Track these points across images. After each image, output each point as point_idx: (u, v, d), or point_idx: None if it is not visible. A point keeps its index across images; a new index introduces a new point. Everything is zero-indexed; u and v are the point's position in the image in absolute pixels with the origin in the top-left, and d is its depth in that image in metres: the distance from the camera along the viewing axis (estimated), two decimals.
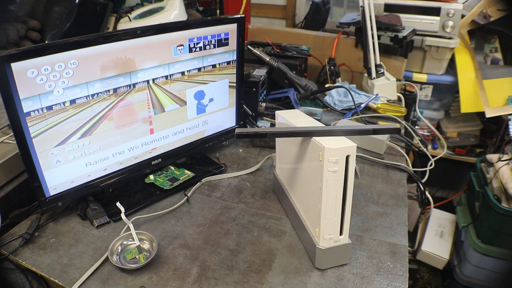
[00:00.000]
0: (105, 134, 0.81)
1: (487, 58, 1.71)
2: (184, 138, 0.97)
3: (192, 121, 0.96)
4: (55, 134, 0.73)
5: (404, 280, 0.69)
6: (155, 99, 0.86)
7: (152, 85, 0.84)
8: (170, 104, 0.90)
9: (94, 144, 0.80)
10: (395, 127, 0.71)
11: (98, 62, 0.74)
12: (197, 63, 0.90)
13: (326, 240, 0.67)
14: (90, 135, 0.78)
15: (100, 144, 0.81)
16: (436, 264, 1.55)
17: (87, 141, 0.78)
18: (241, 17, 0.94)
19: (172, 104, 0.90)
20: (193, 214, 0.85)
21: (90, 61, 0.73)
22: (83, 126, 0.76)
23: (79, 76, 0.72)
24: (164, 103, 0.88)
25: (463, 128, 1.79)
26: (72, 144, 0.76)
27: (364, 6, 1.38)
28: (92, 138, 0.79)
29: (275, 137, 0.91)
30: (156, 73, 0.84)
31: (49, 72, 0.68)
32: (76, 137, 0.76)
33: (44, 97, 0.69)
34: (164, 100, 0.88)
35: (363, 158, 1.05)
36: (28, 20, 1.20)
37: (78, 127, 0.76)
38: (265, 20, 2.36)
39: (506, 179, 1.25)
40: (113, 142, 0.83)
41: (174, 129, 0.93)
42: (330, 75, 1.52)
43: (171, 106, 0.90)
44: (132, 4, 1.55)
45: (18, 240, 0.75)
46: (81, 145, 0.78)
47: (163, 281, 0.68)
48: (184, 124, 0.95)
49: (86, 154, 0.79)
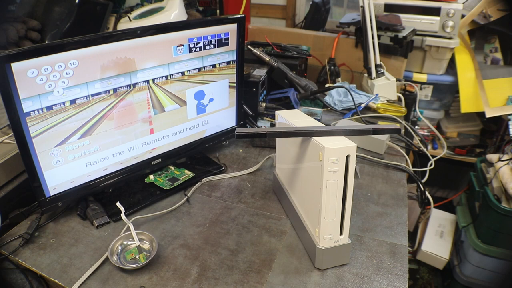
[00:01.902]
0: (105, 134, 0.81)
1: (487, 58, 1.71)
2: (184, 138, 0.97)
3: (192, 121, 0.96)
4: (55, 134, 0.73)
5: (404, 280, 0.69)
6: (155, 99, 0.86)
7: (152, 85, 0.84)
8: (170, 104, 0.90)
9: (94, 144, 0.80)
10: (395, 127, 0.71)
11: (98, 62, 0.74)
12: (197, 63, 0.91)
13: (326, 240, 0.67)
14: (90, 135, 0.78)
15: (100, 144, 0.81)
16: (436, 264, 1.55)
17: (87, 141, 0.78)
18: (241, 17, 0.94)
19: (172, 104, 0.90)
20: (193, 214, 0.85)
21: (90, 61, 0.73)
22: (83, 126, 0.76)
23: (79, 76, 0.72)
24: (164, 103, 0.88)
25: (463, 128, 1.79)
26: (72, 144, 0.76)
27: (364, 6, 1.38)
28: (92, 138, 0.79)
29: (275, 137, 0.91)
30: (156, 73, 0.84)
31: (49, 72, 0.68)
32: (76, 137, 0.76)
33: (44, 97, 0.69)
34: (164, 100, 0.88)
35: (363, 158, 1.05)
36: (28, 20, 1.20)
37: (78, 127, 0.76)
38: (265, 20, 2.36)
39: (506, 179, 1.25)
40: (113, 142, 0.83)
41: (174, 129, 0.93)
42: (330, 75, 1.52)
43: (171, 106, 0.90)
44: (132, 4, 1.55)
45: (18, 240, 0.75)
46: (81, 145, 0.78)
47: (163, 281, 0.68)
48: (184, 124, 0.95)
49: (86, 154, 0.79)
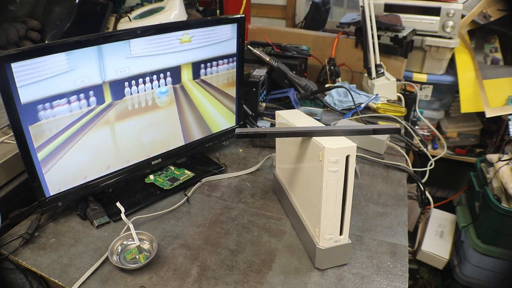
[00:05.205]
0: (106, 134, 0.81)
1: (487, 58, 1.71)
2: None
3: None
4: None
5: (404, 280, 0.69)
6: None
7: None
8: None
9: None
10: (395, 127, 0.71)
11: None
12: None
13: (326, 240, 0.67)
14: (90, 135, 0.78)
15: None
16: (436, 264, 1.55)
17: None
18: (241, 17, 0.94)
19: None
20: (193, 214, 0.85)
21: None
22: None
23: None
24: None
25: (463, 128, 1.79)
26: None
27: (364, 6, 1.38)
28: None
29: (275, 137, 0.90)
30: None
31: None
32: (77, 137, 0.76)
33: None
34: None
35: (363, 158, 1.05)
36: (28, 20, 1.20)
37: (79, 127, 0.76)
38: (265, 20, 2.36)
39: (506, 179, 1.25)
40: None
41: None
42: (330, 75, 1.52)
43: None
44: (132, 4, 1.55)
45: (18, 240, 0.75)
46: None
47: (163, 281, 0.68)
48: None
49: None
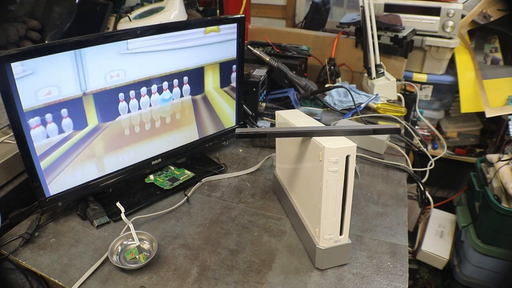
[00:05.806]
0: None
1: (487, 58, 1.71)
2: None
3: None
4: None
5: (404, 280, 0.69)
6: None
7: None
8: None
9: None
10: (395, 127, 0.71)
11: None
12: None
13: (326, 240, 0.67)
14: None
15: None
16: (436, 264, 1.55)
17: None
18: (241, 17, 0.94)
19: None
20: (193, 214, 0.85)
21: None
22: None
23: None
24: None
25: (463, 128, 1.79)
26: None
27: (364, 6, 1.38)
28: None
29: (275, 137, 0.90)
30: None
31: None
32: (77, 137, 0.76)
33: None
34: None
35: (363, 158, 1.05)
36: (28, 20, 1.20)
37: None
38: (265, 20, 2.36)
39: (506, 179, 1.25)
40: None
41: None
42: (330, 75, 1.52)
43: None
44: (132, 4, 1.55)
45: (18, 240, 0.75)
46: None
47: (163, 281, 0.68)
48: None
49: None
